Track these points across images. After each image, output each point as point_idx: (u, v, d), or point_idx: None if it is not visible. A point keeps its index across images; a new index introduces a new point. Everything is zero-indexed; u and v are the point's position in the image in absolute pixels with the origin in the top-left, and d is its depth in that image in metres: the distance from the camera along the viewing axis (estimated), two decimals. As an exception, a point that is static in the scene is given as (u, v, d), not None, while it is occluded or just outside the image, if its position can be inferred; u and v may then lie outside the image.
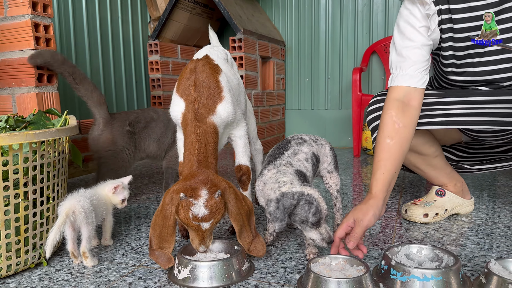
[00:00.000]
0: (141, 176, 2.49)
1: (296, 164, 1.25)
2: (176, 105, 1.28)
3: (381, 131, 1.29)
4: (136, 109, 2.28)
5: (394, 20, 3.30)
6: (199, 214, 1.08)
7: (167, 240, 1.13)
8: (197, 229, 1.10)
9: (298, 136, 1.37)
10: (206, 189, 1.10)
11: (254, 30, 2.98)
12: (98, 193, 1.31)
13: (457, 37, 1.33)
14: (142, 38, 3.13)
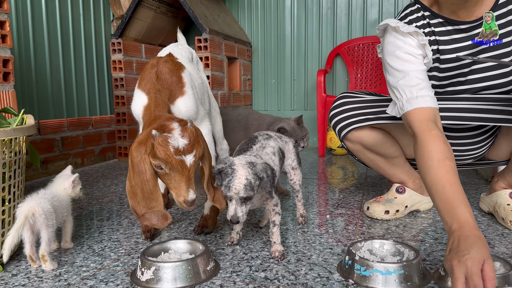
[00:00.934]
0: (103, 177, 2.43)
1: (264, 157, 1.26)
2: (138, 99, 1.25)
3: (433, 155, 1.11)
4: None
5: (357, 23, 3.38)
6: (180, 145, 1.01)
7: (153, 196, 1.05)
8: (182, 167, 1.01)
9: (264, 133, 1.38)
10: (176, 122, 1.05)
11: (220, 31, 2.97)
12: (58, 194, 1.27)
13: (442, 67, 1.38)
14: (105, 37, 3.06)
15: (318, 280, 1.07)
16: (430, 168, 1.10)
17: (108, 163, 2.93)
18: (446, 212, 1.03)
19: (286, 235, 1.40)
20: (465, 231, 0.95)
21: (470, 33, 1.34)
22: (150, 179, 1.04)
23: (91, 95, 2.94)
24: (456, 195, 1.03)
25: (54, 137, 2.56)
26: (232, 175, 1.07)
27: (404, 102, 1.25)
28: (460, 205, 1.01)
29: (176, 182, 1.04)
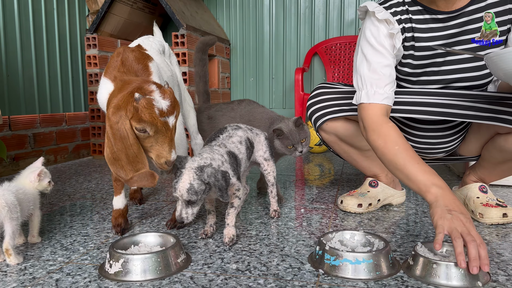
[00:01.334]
0: (76, 174, 2.38)
1: (229, 146, 1.29)
2: (103, 88, 1.22)
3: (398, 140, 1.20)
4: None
5: (334, 23, 3.41)
6: (163, 107, 1.02)
7: (138, 159, 1.04)
8: (166, 128, 1.03)
9: (234, 124, 1.41)
10: (153, 84, 1.05)
11: (198, 27, 2.95)
12: (23, 186, 1.23)
13: (417, 55, 1.39)
14: (80, 32, 3.00)
15: (290, 270, 1.07)
16: (400, 150, 1.18)
17: (82, 161, 2.87)
18: (426, 181, 1.10)
19: (260, 228, 1.40)
20: (449, 193, 1.07)
21: (447, 23, 1.35)
22: (134, 143, 1.04)
23: (65, 91, 2.88)
24: (431, 170, 1.14)
25: (26, 133, 2.49)
26: (178, 178, 1.11)
27: (363, 93, 1.32)
28: (432, 173, 1.12)
29: (159, 144, 1.05)
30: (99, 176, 2.32)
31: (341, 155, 1.64)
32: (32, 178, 1.27)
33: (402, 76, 1.45)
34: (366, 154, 1.59)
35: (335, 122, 1.52)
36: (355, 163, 1.63)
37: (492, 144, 1.46)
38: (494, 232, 1.35)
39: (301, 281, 1.01)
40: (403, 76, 1.45)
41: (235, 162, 1.27)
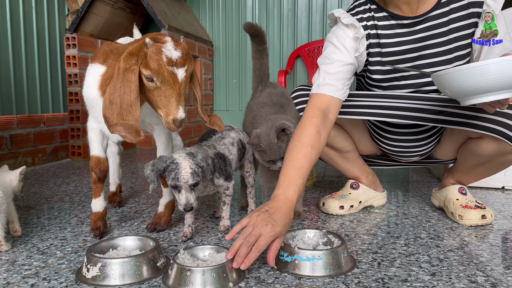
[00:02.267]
0: (54, 177, 2.33)
1: (219, 147, 1.33)
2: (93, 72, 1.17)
3: (303, 137, 1.22)
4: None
5: (317, 26, 3.43)
6: (173, 56, 0.99)
7: (131, 109, 1.01)
8: (173, 80, 0.99)
9: (228, 125, 1.45)
10: (168, 36, 1.03)
11: (180, 28, 2.93)
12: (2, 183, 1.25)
13: (385, 60, 1.41)
14: (59, 31, 2.94)
15: (271, 273, 1.06)
16: (294, 147, 1.22)
17: (61, 163, 2.81)
18: (283, 184, 1.15)
19: (242, 231, 1.38)
20: (285, 206, 1.10)
21: (412, 28, 1.37)
22: (134, 90, 1.00)
23: (43, 91, 2.82)
24: (297, 178, 1.16)
25: (3, 135, 2.43)
26: (177, 168, 1.13)
27: (315, 85, 1.35)
28: (295, 186, 1.15)
29: (166, 98, 1.01)
30: (78, 178, 2.28)
31: (322, 158, 1.64)
32: (13, 177, 1.31)
33: (373, 83, 1.47)
34: (346, 156, 1.60)
35: None
36: (335, 165, 1.64)
37: (465, 148, 1.49)
38: (473, 233, 1.37)
39: (282, 284, 1.00)
40: (374, 83, 1.47)
41: (224, 163, 1.31)
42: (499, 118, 1.30)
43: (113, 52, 1.16)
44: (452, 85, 1.09)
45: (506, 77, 1.03)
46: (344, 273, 1.05)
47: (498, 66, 1.02)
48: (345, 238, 1.32)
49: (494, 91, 1.06)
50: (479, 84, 1.05)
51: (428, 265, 1.11)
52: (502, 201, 1.77)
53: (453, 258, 1.16)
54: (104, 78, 1.14)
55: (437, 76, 1.13)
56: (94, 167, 1.29)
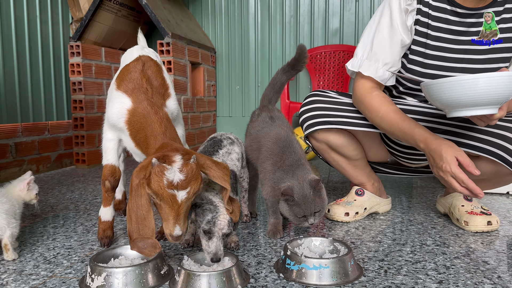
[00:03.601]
0: (59, 184, 2.33)
1: (229, 163, 1.30)
2: (119, 102, 1.20)
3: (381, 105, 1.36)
4: None
5: (319, 32, 3.44)
6: (174, 179, 0.98)
7: (145, 223, 1.01)
8: (172, 201, 0.98)
9: (225, 135, 1.41)
10: (180, 155, 1.01)
11: (183, 35, 2.94)
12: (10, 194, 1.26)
13: (429, 43, 1.40)
14: (63, 39, 2.96)
15: (278, 282, 1.06)
16: (382, 117, 1.35)
17: (65, 170, 2.82)
18: (411, 139, 1.27)
19: (247, 239, 1.39)
20: (430, 145, 1.21)
21: (463, 19, 1.38)
22: (145, 204, 1.01)
23: (48, 99, 2.83)
24: (410, 124, 1.29)
25: (7, 143, 2.44)
26: (215, 212, 1.08)
27: (364, 63, 1.40)
28: (416, 128, 1.27)
29: (166, 215, 1.01)
30: (83, 186, 2.28)
31: (330, 163, 1.64)
32: (21, 187, 1.29)
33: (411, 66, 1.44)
34: (355, 163, 1.60)
35: (326, 132, 1.52)
36: (343, 171, 1.64)
37: None
38: (479, 240, 1.37)
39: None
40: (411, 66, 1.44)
41: (235, 180, 1.28)
42: (498, 141, 1.30)
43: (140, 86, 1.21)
44: (440, 96, 1.10)
45: (494, 93, 1.04)
46: (351, 281, 1.05)
47: (487, 81, 1.03)
48: (351, 246, 1.32)
49: (480, 105, 1.07)
50: (467, 97, 1.06)
51: (435, 272, 1.11)
52: (507, 207, 1.77)
53: (459, 265, 1.16)
54: (134, 112, 1.18)
55: (426, 85, 1.13)
56: (108, 176, 1.29)
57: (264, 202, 1.86)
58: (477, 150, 1.34)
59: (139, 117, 1.17)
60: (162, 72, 1.30)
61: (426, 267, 1.15)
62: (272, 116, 1.49)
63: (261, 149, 1.40)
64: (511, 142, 1.28)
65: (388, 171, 1.71)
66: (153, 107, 1.17)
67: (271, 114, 1.50)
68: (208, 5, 3.60)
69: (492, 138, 1.31)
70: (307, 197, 1.25)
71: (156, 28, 3.55)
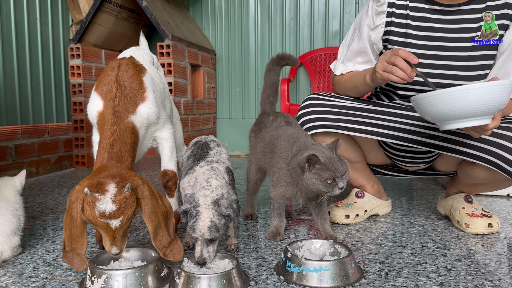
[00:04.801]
0: (59, 187, 2.33)
1: (224, 161, 1.28)
2: (93, 103, 1.21)
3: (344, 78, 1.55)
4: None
5: (319, 34, 3.44)
6: (106, 210, 0.98)
7: (78, 240, 1.03)
8: (106, 228, 1.00)
9: (209, 138, 1.38)
10: (114, 183, 1.01)
11: (183, 37, 2.95)
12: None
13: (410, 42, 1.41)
14: (63, 42, 2.97)
15: (278, 284, 1.06)
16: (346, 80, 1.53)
17: (65, 172, 2.82)
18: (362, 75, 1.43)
19: (248, 241, 1.38)
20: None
21: (443, 16, 1.39)
22: (79, 225, 1.03)
23: (48, 102, 2.83)
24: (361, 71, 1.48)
25: (7, 145, 2.44)
26: (196, 217, 1.06)
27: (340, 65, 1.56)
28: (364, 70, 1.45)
29: (103, 237, 1.04)
30: (83, 188, 2.28)
31: (328, 166, 1.65)
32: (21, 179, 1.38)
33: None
34: (354, 166, 1.60)
35: (325, 136, 1.52)
36: (342, 174, 1.64)
37: (461, 169, 1.51)
38: (480, 242, 1.36)
39: (290, 295, 1.00)
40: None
41: (233, 178, 1.26)
42: (493, 149, 1.30)
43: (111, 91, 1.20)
44: (431, 109, 1.08)
45: (485, 103, 1.02)
46: (351, 283, 1.05)
47: (477, 91, 1.01)
48: (352, 248, 1.31)
49: (473, 116, 1.05)
50: (458, 109, 1.04)
51: (436, 275, 1.11)
52: (507, 209, 1.77)
53: (460, 267, 1.15)
54: (99, 118, 1.19)
55: (415, 100, 1.12)
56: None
57: (263, 204, 1.85)
58: (473, 157, 1.34)
59: (102, 122, 1.17)
60: (142, 75, 1.27)
61: (426, 269, 1.14)
62: (288, 121, 1.50)
63: (275, 150, 1.38)
64: (506, 149, 1.27)
65: (387, 172, 1.71)
66: (113, 117, 1.15)
67: (287, 119, 1.51)
68: (208, 8, 3.61)
69: (487, 146, 1.31)
70: (332, 158, 1.20)
71: (156, 31, 3.56)
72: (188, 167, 1.26)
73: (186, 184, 1.20)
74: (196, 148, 1.33)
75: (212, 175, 1.16)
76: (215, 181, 1.14)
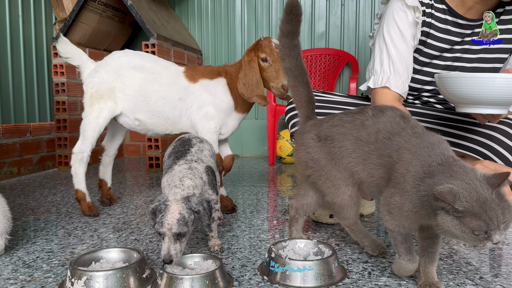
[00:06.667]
0: (41, 187, 2.29)
1: (205, 159, 1.25)
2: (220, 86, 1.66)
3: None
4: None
5: (305, 35, 3.45)
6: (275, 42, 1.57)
7: (258, 85, 1.58)
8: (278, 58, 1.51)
9: (193, 135, 1.36)
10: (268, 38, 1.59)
11: (169, 37, 2.93)
12: None
13: (425, 51, 1.43)
14: (46, 40, 2.92)
15: (262, 284, 1.05)
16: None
17: (47, 173, 2.77)
18: None
19: (232, 242, 1.38)
20: None
21: (465, 30, 1.40)
22: (257, 72, 1.58)
23: (30, 101, 2.79)
24: None
25: (-13, 145, 2.39)
26: (165, 211, 1.02)
27: (383, 78, 1.36)
28: None
29: (276, 72, 1.57)
30: (65, 189, 2.24)
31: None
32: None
33: None
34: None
35: None
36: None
37: None
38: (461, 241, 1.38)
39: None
40: None
41: (214, 177, 1.24)
42: (484, 140, 1.32)
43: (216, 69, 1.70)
44: (456, 90, 1.10)
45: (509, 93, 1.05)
46: (335, 283, 1.05)
47: (505, 81, 1.04)
48: (336, 248, 1.31)
49: (493, 104, 1.08)
50: (482, 95, 1.06)
51: (418, 274, 1.11)
52: (489, 209, 1.79)
53: (442, 266, 1.16)
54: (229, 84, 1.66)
55: (442, 77, 1.13)
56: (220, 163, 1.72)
57: (244, 200, 1.84)
58: (464, 148, 1.35)
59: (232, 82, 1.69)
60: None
61: (409, 268, 1.15)
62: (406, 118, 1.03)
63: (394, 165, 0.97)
64: (498, 142, 1.30)
65: None
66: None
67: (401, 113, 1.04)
68: (195, 7, 3.59)
69: (479, 137, 1.33)
70: (489, 200, 0.80)
71: (141, 30, 3.52)
72: (168, 166, 1.24)
73: (165, 183, 1.18)
74: (178, 145, 1.30)
75: (187, 174, 1.14)
76: (189, 180, 1.12)
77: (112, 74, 1.63)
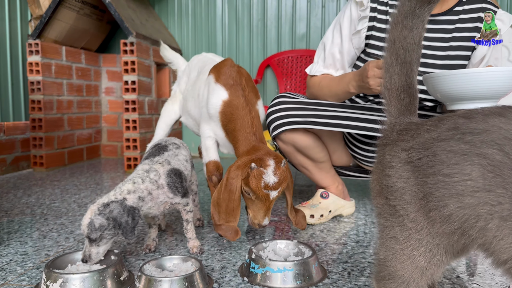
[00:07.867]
0: (15, 188, 2.23)
1: (174, 163, 1.24)
2: (217, 95, 1.37)
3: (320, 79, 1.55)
4: None
5: (286, 36, 3.46)
6: (270, 182, 1.19)
7: (233, 213, 1.22)
8: (265, 199, 1.20)
9: (171, 141, 1.36)
10: (273, 159, 1.21)
11: (148, 35, 2.89)
12: None
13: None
14: (21, 37, 2.84)
15: (242, 286, 1.04)
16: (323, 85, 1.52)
17: (22, 173, 2.69)
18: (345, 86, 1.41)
19: (212, 243, 1.36)
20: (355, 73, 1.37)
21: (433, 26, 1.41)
22: (236, 199, 1.22)
23: (4, 99, 2.70)
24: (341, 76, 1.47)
25: (-42, 144, 2.31)
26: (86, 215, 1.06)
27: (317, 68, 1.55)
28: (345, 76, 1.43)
29: (257, 208, 1.25)
30: (40, 190, 2.19)
31: (296, 165, 1.65)
32: None
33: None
34: (320, 166, 1.62)
35: (293, 133, 1.52)
36: (308, 174, 1.65)
37: None
38: (438, 241, 1.40)
39: (254, 296, 0.99)
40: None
41: (180, 179, 1.21)
42: None
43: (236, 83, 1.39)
44: (443, 88, 1.12)
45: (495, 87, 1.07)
46: (315, 284, 1.05)
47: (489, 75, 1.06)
48: (316, 248, 1.32)
49: (481, 99, 1.10)
50: (469, 90, 1.08)
51: (397, 273, 1.12)
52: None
53: (420, 266, 1.18)
54: (229, 104, 1.36)
55: (429, 77, 1.15)
56: (214, 171, 1.44)
57: (229, 205, 1.84)
58: None
59: (234, 109, 1.35)
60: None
61: (388, 268, 1.16)
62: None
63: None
64: None
65: (351, 174, 1.74)
66: (247, 105, 1.36)
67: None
68: (174, 6, 3.56)
69: None
70: None
71: (120, 28, 3.47)
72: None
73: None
74: (154, 150, 1.31)
75: (135, 176, 1.15)
76: (129, 185, 1.12)
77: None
